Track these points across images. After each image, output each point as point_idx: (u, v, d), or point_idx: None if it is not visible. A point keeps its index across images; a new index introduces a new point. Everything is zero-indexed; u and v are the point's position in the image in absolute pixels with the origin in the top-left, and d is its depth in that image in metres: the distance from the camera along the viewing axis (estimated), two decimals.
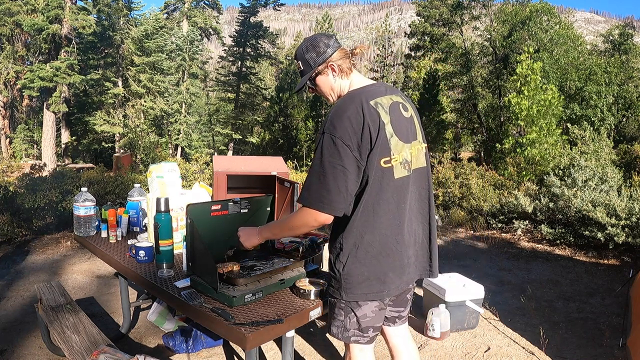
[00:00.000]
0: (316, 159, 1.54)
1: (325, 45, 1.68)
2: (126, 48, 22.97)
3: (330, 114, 1.58)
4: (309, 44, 1.69)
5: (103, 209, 2.82)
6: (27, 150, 25.28)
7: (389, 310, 1.82)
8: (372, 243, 1.59)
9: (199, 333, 2.83)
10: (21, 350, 2.82)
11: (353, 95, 1.61)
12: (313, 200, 1.52)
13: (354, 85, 1.70)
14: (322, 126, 1.57)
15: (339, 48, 1.70)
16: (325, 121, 1.57)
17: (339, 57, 1.69)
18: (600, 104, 19.75)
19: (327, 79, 1.71)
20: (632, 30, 26.63)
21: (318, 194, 1.51)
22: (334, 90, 1.73)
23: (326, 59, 1.68)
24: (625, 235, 5.09)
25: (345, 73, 1.70)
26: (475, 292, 3.25)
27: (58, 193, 5.83)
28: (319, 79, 1.72)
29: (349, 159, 1.50)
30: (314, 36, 1.72)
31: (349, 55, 1.71)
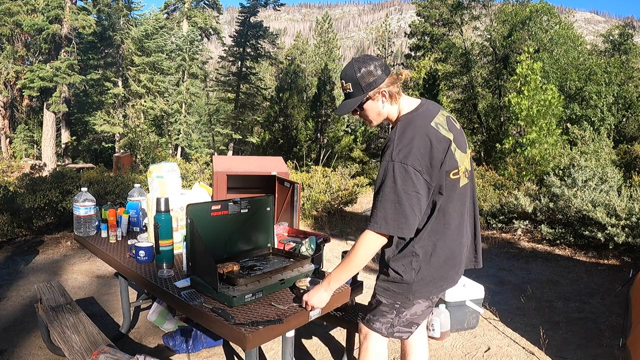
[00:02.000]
0: (388, 186, 1.57)
1: (379, 69, 1.65)
2: (126, 48, 22.97)
3: (394, 141, 1.60)
4: (362, 67, 1.65)
5: (103, 209, 2.81)
6: (27, 150, 25.26)
7: None
8: (443, 248, 1.70)
9: (199, 333, 2.83)
10: (21, 350, 2.82)
11: (411, 119, 1.65)
12: (392, 228, 1.57)
13: (405, 109, 1.71)
14: (388, 153, 1.59)
15: (390, 73, 1.68)
16: (388, 147, 1.60)
17: (390, 83, 1.67)
18: (600, 104, 19.75)
19: (376, 105, 1.70)
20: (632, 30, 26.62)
21: (396, 222, 1.56)
22: (380, 116, 1.73)
23: (379, 84, 1.66)
24: (625, 235, 5.09)
25: (395, 99, 1.69)
26: (475, 292, 3.25)
27: (58, 193, 5.83)
28: (368, 104, 1.70)
29: (420, 183, 1.57)
30: (366, 58, 1.68)
31: (396, 80, 1.69)
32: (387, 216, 1.57)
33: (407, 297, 1.71)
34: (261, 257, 2.18)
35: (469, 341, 3.11)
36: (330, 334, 3.17)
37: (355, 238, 6.66)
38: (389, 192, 1.56)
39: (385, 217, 1.57)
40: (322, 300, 1.72)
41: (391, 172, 1.56)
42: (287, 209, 4.26)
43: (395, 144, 1.59)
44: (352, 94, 1.68)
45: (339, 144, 24.82)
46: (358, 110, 1.72)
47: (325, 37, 36.42)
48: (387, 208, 1.57)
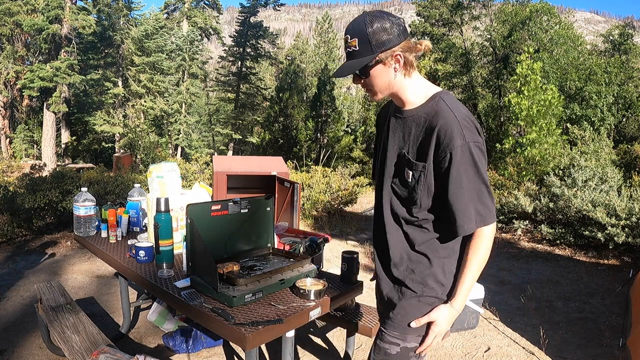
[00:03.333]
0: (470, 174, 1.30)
1: (395, 28, 1.31)
2: (126, 48, 22.97)
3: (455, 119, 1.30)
4: (375, 21, 1.30)
5: (103, 209, 2.81)
6: (27, 150, 25.26)
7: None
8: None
9: (199, 333, 2.83)
10: (21, 350, 2.82)
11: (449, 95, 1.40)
12: (488, 216, 1.34)
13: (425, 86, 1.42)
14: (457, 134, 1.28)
15: (407, 38, 1.35)
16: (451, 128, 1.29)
17: (406, 49, 1.34)
18: (600, 104, 19.75)
19: (387, 72, 1.36)
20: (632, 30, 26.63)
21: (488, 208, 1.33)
22: (390, 87, 1.39)
23: (394, 45, 1.32)
24: (625, 235, 5.09)
25: (409, 71, 1.37)
26: (475, 292, 3.25)
27: (58, 193, 5.83)
28: (377, 69, 1.35)
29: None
30: (382, 13, 1.34)
31: (414, 48, 1.37)
32: (487, 206, 1.33)
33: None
34: (261, 257, 2.18)
35: (469, 341, 3.10)
36: (330, 334, 3.17)
37: (355, 238, 6.65)
38: (473, 181, 1.30)
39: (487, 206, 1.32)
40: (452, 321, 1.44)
41: (469, 157, 1.29)
42: (287, 209, 4.27)
43: (459, 121, 1.30)
44: (357, 53, 1.33)
45: (339, 144, 24.82)
46: (363, 76, 1.38)
47: (325, 37, 36.42)
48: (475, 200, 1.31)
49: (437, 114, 1.33)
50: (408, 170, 1.39)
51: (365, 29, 1.30)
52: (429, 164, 1.34)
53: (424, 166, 1.35)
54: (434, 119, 1.34)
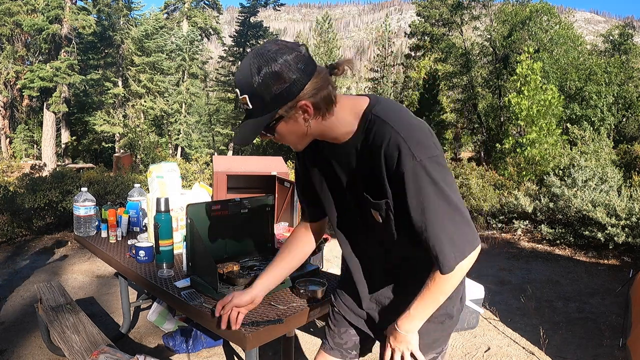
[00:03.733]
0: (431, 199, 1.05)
1: (293, 67, 1.01)
2: (126, 48, 22.98)
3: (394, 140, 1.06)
4: (262, 64, 1.01)
5: (103, 209, 2.81)
6: (27, 150, 25.28)
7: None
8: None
9: (199, 333, 2.83)
10: (21, 350, 2.82)
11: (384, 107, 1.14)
12: (467, 249, 1.10)
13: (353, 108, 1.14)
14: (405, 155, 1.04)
15: (315, 71, 1.05)
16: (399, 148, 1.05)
17: (318, 86, 1.05)
18: (600, 104, 19.77)
19: (297, 125, 1.10)
20: (632, 30, 26.65)
21: (464, 239, 1.10)
22: (306, 137, 1.15)
23: (296, 91, 1.03)
24: (625, 235, 5.09)
25: (328, 110, 1.09)
26: (475, 292, 3.25)
27: (58, 193, 5.83)
28: (281, 127, 1.10)
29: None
30: (272, 50, 1.02)
31: (327, 80, 1.08)
32: (455, 240, 1.08)
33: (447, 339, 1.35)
34: (261, 257, 2.18)
35: (469, 341, 3.11)
36: None
37: None
38: (435, 203, 1.06)
39: (453, 243, 1.08)
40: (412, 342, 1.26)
41: (424, 176, 1.05)
42: (287, 209, 4.27)
43: (403, 136, 1.05)
44: (252, 112, 1.06)
45: None
46: (268, 134, 1.12)
47: (325, 37, 36.44)
48: (447, 230, 1.08)
49: (376, 136, 1.09)
50: (374, 211, 1.19)
51: (251, 80, 1.02)
52: (390, 199, 1.13)
53: (387, 202, 1.14)
54: (375, 143, 1.09)
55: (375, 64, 36.93)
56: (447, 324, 1.30)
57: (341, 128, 1.14)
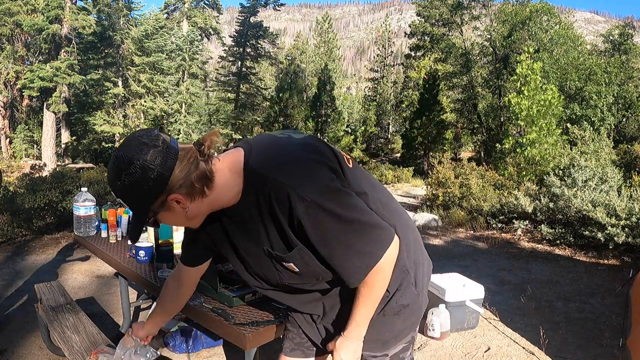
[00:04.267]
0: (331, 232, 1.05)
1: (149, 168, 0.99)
2: (126, 48, 22.97)
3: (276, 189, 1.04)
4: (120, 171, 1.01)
5: (103, 209, 2.81)
6: (27, 150, 25.29)
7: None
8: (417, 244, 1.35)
9: (199, 333, 2.83)
10: (21, 350, 2.82)
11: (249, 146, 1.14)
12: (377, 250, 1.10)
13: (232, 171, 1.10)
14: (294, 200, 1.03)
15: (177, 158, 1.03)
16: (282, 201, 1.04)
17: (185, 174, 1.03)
18: (600, 104, 19.78)
19: (175, 214, 1.09)
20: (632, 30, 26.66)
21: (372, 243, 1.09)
22: (192, 218, 1.13)
23: (161, 185, 1.01)
24: (625, 235, 5.09)
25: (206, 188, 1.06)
26: (475, 292, 3.25)
27: (58, 193, 5.83)
28: (164, 218, 1.12)
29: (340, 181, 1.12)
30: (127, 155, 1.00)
31: (197, 160, 1.05)
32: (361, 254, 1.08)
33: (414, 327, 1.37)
34: None
35: (469, 341, 3.11)
36: None
37: None
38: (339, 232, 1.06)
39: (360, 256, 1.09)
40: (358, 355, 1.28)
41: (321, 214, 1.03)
42: None
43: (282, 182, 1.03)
44: (132, 211, 1.11)
45: (339, 144, 24.84)
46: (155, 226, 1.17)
47: (325, 37, 36.45)
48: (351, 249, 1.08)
49: (261, 191, 1.06)
50: (289, 264, 1.16)
51: (117, 186, 1.03)
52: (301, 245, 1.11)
53: (298, 250, 1.11)
54: (262, 199, 1.07)
55: (375, 64, 36.96)
56: (405, 314, 1.30)
57: (226, 194, 1.10)
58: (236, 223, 1.18)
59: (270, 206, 1.07)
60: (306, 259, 1.13)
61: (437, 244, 6.19)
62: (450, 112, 26.69)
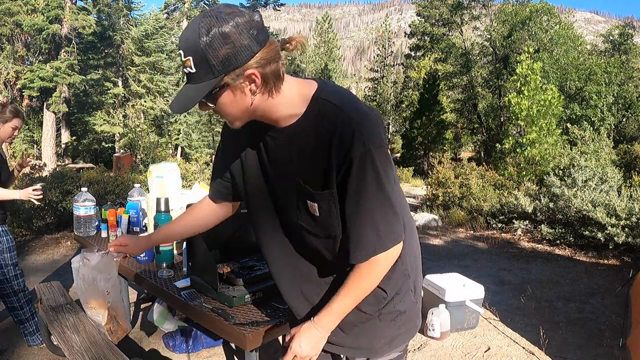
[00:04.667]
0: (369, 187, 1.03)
1: (245, 32, 0.93)
2: (126, 48, 22.98)
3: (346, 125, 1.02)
4: (212, 25, 0.92)
5: (103, 209, 2.82)
6: (27, 150, 25.26)
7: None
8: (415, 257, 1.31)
9: (199, 333, 2.84)
10: (21, 350, 2.82)
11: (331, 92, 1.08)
12: (389, 242, 1.09)
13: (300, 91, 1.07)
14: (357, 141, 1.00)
15: (266, 41, 0.97)
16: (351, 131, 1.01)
17: (267, 57, 0.97)
18: (600, 104, 19.79)
19: (242, 97, 1.00)
20: (632, 30, 26.67)
21: (389, 231, 1.08)
22: (249, 113, 1.04)
23: (246, 59, 0.94)
24: (625, 235, 5.09)
25: (276, 87, 1.01)
26: (475, 292, 3.25)
27: (58, 193, 5.83)
28: (225, 96, 1.00)
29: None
30: (223, 13, 0.93)
31: (279, 54, 1.00)
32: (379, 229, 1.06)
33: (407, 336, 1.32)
34: (261, 257, 2.17)
35: (469, 341, 3.11)
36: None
37: None
38: (374, 196, 1.04)
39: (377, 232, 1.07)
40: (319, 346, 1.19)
41: (370, 168, 1.02)
42: None
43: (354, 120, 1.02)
44: (195, 77, 0.96)
45: None
46: (209, 103, 1.01)
47: (325, 37, 36.48)
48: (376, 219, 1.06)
49: (327, 121, 1.03)
50: (312, 203, 1.09)
51: (198, 41, 0.92)
52: (335, 190, 1.06)
53: (331, 193, 1.06)
54: (324, 128, 1.03)
55: (375, 64, 36.96)
56: (400, 321, 1.25)
57: (286, 110, 1.06)
58: (279, 146, 1.12)
59: (330, 139, 1.03)
60: (332, 206, 1.08)
61: (437, 244, 6.18)
62: (450, 112, 26.70)
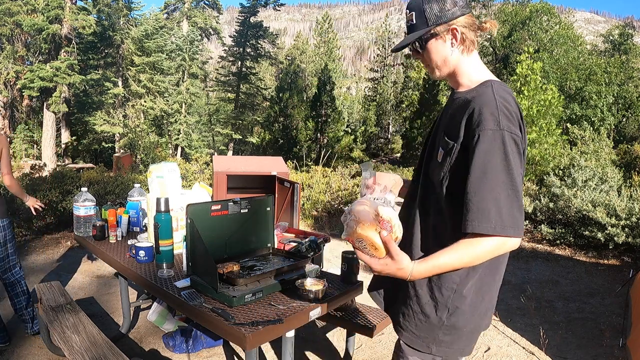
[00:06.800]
0: (498, 165, 1.12)
1: (453, 3, 1.27)
2: (126, 48, 22.96)
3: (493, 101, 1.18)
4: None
5: (103, 209, 2.82)
6: (27, 150, 25.24)
7: None
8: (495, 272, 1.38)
9: (199, 333, 2.84)
10: (21, 350, 2.82)
11: (501, 84, 1.27)
12: (508, 225, 1.11)
13: (481, 70, 1.32)
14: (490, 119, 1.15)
15: (468, 13, 1.29)
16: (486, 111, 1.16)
17: (466, 24, 1.28)
18: (600, 104, 19.77)
19: (444, 47, 1.29)
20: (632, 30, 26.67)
21: (512, 216, 1.12)
22: (446, 64, 1.32)
23: (451, 18, 1.26)
24: (625, 235, 5.09)
25: (468, 48, 1.29)
26: None
27: (58, 193, 5.83)
28: (432, 43, 1.30)
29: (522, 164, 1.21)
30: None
31: (476, 26, 1.30)
32: (502, 209, 1.11)
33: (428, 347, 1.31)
34: (261, 257, 2.18)
35: None
36: (330, 334, 3.17)
37: None
38: (499, 173, 1.12)
39: (500, 210, 1.11)
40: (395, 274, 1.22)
41: (500, 145, 1.13)
42: (287, 209, 4.27)
43: (498, 106, 1.16)
44: (414, 27, 1.30)
45: (339, 144, 24.83)
46: (419, 49, 1.32)
47: (325, 37, 36.45)
48: (500, 197, 1.11)
49: (478, 95, 1.23)
50: (441, 150, 1.27)
51: (421, 1, 1.28)
52: (458, 144, 1.21)
53: (453, 146, 1.22)
54: (474, 100, 1.22)
55: (375, 64, 36.91)
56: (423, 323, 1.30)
57: (466, 77, 1.32)
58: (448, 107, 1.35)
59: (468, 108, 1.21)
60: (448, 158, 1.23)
61: None
62: None
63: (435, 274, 1.22)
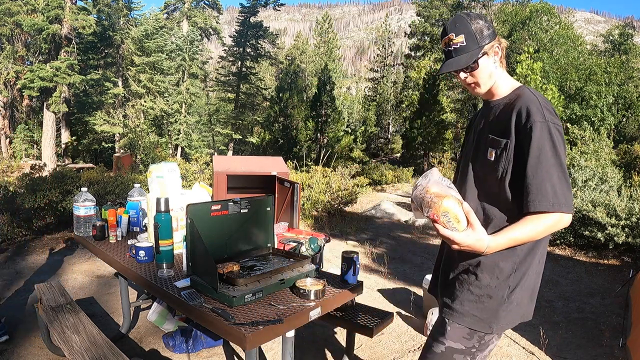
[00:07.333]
0: (548, 152, 1.30)
1: (489, 24, 1.46)
2: (126, 48, 22.96)
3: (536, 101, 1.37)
4: (474, 18, 1.45)
5: (103, 209, 2.81)
6: (27, 150, 25.24)
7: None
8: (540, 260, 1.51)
9: (199, 333, 2.84)
10: (21, 350, 2.82)
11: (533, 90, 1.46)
12: (563, 202, 1.29)
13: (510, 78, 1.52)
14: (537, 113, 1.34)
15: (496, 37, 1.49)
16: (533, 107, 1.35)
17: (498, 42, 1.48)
18: (600, 104, 19.76)
19: (490, 63, 1.47)
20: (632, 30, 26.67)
21: (564, 195, 1.30)
22: (491, 79, 1.49)
23: (493, 37, 1.45)
24: (625, 235, 5.09)
25: (503, 63, 1.50)
26: None
27: (58, 193, 5.83)
28: (483, 61, 1.46)
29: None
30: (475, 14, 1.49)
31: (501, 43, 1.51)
32: (557, 190, 1.29)
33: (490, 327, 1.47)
34: (261, 257, 2.18)
35: None
36: (330, 334, 3.17)
37: (355, 238, 6.65)
38: (551, 158, 1.30)
39: (555, 191, 1.29)
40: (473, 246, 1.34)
41: (548, 135, 1.31)
42: (287, 209, 4.27)
43: (540, 103, 1.36)
44: (465, 48, 1.44)
45: (339, 144, 24.82)
46: (471, 68, 1.47)
47: (325, 37, 36.44)
48: (555, 180, 1.29)
49: (520, 97, 1.41)
50: (491, 150, 1.42)
51: (469, 26, 1.44)
52: (512, 140, 1.37)
53: (507, 142, 1.38)
54: (516, 101, 1.41)
55: (375, 64, 36.93)
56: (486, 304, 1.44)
57: (502, 87, 1.50)
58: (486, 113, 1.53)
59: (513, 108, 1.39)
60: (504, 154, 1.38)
61: (437, 244, 6.18)
62: (450, 112, 26.67)
63: (508, 246, 1.36)
